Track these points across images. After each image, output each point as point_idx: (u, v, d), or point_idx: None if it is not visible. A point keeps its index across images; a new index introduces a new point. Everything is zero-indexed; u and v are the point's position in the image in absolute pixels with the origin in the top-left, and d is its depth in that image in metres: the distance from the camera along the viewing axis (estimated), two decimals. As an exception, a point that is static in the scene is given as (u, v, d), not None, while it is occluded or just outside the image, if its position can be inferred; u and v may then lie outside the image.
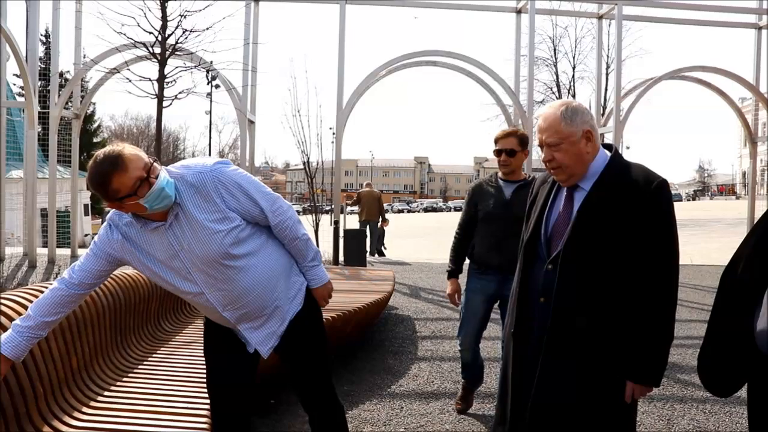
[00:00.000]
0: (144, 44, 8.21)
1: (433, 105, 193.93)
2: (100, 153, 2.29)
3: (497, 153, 4.12)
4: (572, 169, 2.41)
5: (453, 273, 4.31)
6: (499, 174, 4.22)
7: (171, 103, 8.28)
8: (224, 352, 2.72)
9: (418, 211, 70.17)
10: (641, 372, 2.36)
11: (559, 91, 33.29)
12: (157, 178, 2.31)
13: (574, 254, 2.37)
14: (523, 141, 4.12)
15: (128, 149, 2.31)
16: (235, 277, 2.51)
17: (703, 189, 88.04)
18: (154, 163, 2.34)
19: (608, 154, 2.50)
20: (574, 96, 33.44)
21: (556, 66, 33.91)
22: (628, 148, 54.59)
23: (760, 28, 14.46)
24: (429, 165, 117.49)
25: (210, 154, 31.87)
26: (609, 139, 13.70)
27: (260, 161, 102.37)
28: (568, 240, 2.38)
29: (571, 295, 2.36)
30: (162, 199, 2.33)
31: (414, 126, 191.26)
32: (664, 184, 2.37)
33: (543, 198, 2.59)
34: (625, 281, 2.34)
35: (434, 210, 69.48)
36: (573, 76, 33.96)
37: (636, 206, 2.34)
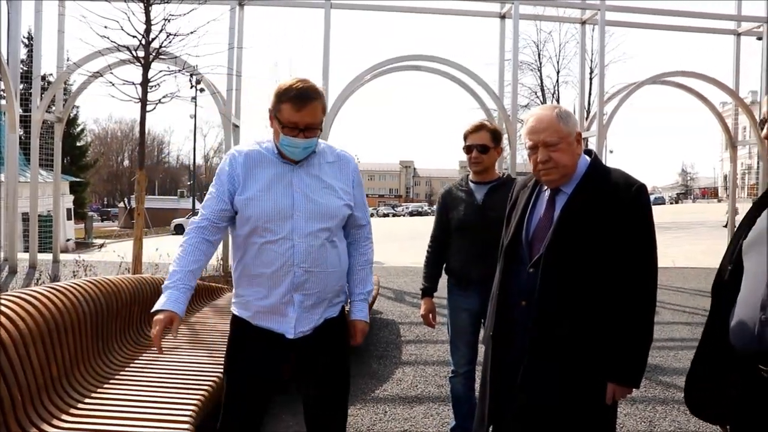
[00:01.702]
0: (127, 48, 8.16)
1: (419, 109, 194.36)
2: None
3: (467, 149, 3.71)
4: (567, 169, 2.46)
5: (428, 291, 3.87)
6: (470, 176, 3.81)
7: (155, 107, 8.22)
8: (261, 347, 2.67)
9: (404, 215, 70.18)
10: (622, 373, 2.38)
11: (543, 95, 33.46)
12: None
13: (556, 257, 2.39)
14: (496, 136, 3.72)
15: None
16: (327, 244, 2.63)
17: (686, 192, 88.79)
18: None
19: (588, 158, 2.55)
20: (558, 100, 33.66)
21: (540, 70, 34.10)
22: (611, 152, 54.94)
23: (739, 35, 14.64)
24: (414, 169, 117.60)
25: (195, 159, 31.68)
26: (593, 142, 13.79)
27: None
28: (550, 243, 2.40)
29: (552, 298, 2.38)
30: (308, 151, 2.63)
31: (399, 130, 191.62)
32: (643, 188, 2.43)
33: (524, 202, 2.61)
34: (606, 284, 2.37)
35: (420, 214, 69.46)
36: (557, 81, 34.18)
37: (617, 210, 2.38)
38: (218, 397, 3.61)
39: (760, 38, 14.44)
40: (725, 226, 26.83)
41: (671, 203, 73.30)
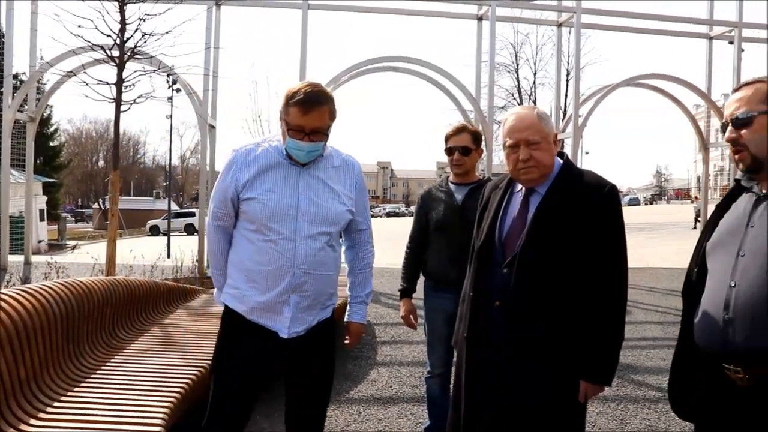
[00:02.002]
0: (102, 47, 8.06)
1: (396, 110, 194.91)
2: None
3: (449, 152, 3.73)
4: (546, 169, 2.49)
5: (406, 292, 3.86)
6: (450, 177, 3.84)
7: (129, 108, 8.12)
8: (255, 343, 2.69)
9: (381, 216, 70.17)
10: (594, 371, 2.42)
11: (520, 96, 33.69)
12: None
13: (530, 257, 2.41)
14: (477, 138, 3.75)
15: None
16: (327, 248, 2.68)
17: (660, 193, 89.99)
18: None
19: (560, 160, 2.58)
20: (534, 102, 33.90)
21: (517, 72, 34.32)
22: (587, 153, 55.53)
23: (711, 38, 14.86)
24: (392, 170, 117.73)
25: (170, 159, 31.43)
26: (568, 144, 13.91)
27: (222, 166, 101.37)
28: (525, 243, 2.42)
29: (527, 298, 2.40)
30: (313, 154, 2.65)
31: (377, 131, 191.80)
32: (614, 189, 2.49)
33: (496, 203, 2.63)
34: (579, 283, 2.40)
35: (396, 215, 69.45)
36: (534, 82, 34.42)
37: (590, 210, 2.42)
38: (191, 399, 3.61)
39: (731, 42, 14.66)
40: (694, 228, 27.23)
41: (646, 204, 74.26)
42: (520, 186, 2.59)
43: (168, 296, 5.84)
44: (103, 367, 3.82)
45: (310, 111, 2.55)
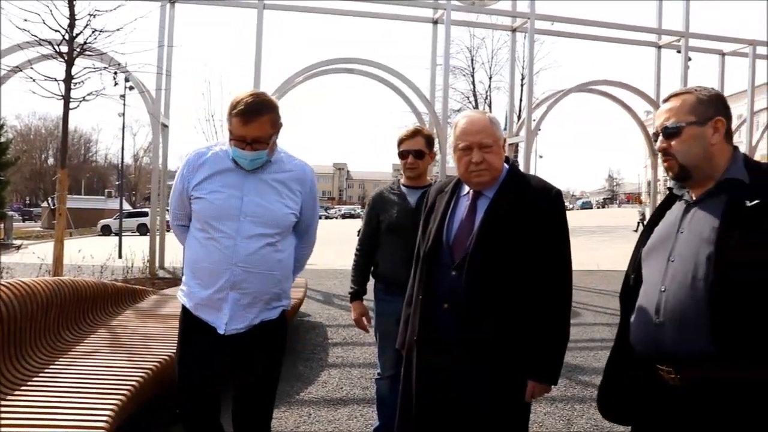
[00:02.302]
0: (50, 42, 7.86)
1: (353, 111, 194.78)
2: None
3: (403, 155, 3.72)
4: (497, 172, 2.54)
5: (357, 294, 3.88)
6: (402, 180, 3.83)
7: (78, 105, 7.95)
8: (201, 339, 2.79)
9: (336, 218, 69.99)
10: (541, 371, 2.47)
11: (475, 100, 34.04)
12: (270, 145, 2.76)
13: (480, 259, 2.44)
14: (430, 142, 3.77)
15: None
16: (268, 248, 2.76)
17: (612, 197, 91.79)
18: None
19: (506, 165, 2.63)
20: (490, 106, 34.29)
21: (473, 76, 34.69)
22: (541, 157, 56.29)
23: (659, 47, 15.28)
24: (348, 171, 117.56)
25: (123, 158, 30.84)
26: (522, 148, 14.12)
27: (177, 165, 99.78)
28: (474, 246, 2.45)
29: (477, 300, 2.42)
30: (256, 162, 2.75)
31: (333, 132, 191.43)
32: (560, 194, 2.56)
33: (443, 206, 2.65)
34: (526, 285, 2.44)
35: (352, 216, 69.27)
36: (489, 86, 34.83)
37: (536, 214, 2.47)
38: (139, 400, 3.57)
39: (679, 51, 15.09)
40: (636, 231, 27.89)
41: (598, 207, 75.70)
42: (467, 189, 2.62)
43: (116, 297, 5.75)
44: (46, 370, 3.73)
45: (250, 122, 2.64)
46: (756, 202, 1.84)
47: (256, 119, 2.65)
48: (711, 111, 1.99)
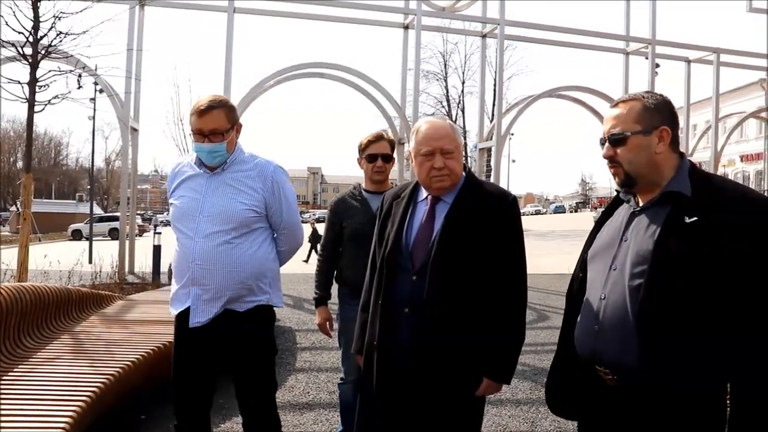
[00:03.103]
0: (13, 44, 7.74)
1: (327, 115, 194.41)
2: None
3: (371, 158, 3.67)
4: (458, 177, 2.57)
5: (322, 300, 3.88)
6: (364, 185, 3.81)
7: (43, 108, 7.84)
8: (180, 331, 3.03)
9: (310, 222, 69.78)
10: (495, 370, 2.51)
11: (449, 104, 34.23)
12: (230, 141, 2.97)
13: (441, 264, 2.46)
14: (393, 146, 3.78)
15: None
16: (226, 245, 2.92)
17: (584, 201, 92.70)
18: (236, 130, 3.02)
19: (463, 172, 2.66)
20: (463, 110, 34.49)
21: (446, 80, 34.85)
22: (513, 161, 56.78)
23: (627, 54, 15.52)
24: (322, 175, 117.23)
25: (93, 162, 30.45)
26: (492, 152, 14.23)
27: (149, 169, 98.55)
28: (436, 251, 2.48)
29: (437, 305, 2.45)
30: (216, 155, 2.96)
31: (307, 136, 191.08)
32: (516, 200, 2.61)
33: (401, 211, 2.66)
34: (484, 288, 2.48)
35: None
36: (462, 91, 35.00)
37: (493, 219, 2.51)
38: (101, 406, 3.55)
39: (647, 58, 15.34)
40: None
41: (571, 212, 76.44)
42: (424, 195, 2.65)
43: (81, 303, 5.69)
44: (3, 378, 3.69)
45: (204, 114, 2.90)
46: (694, 219, 1.85)
47: (210, 112, 2.90)
48: (657, 120, 2.00)
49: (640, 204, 2.07)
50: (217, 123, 2.91)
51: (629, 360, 1.91)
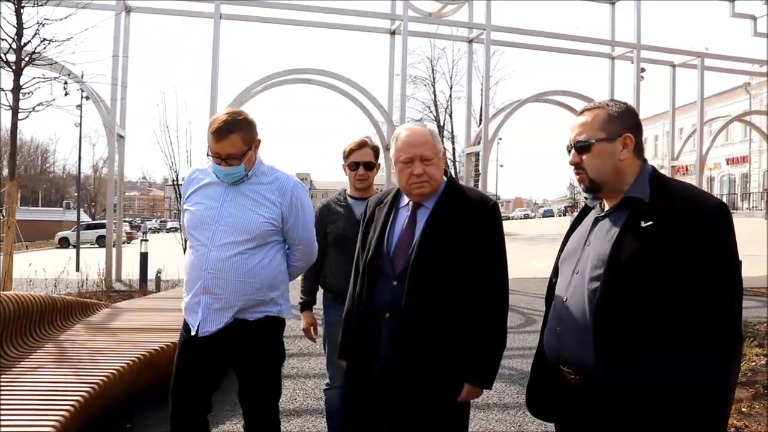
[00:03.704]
0: (-5, 51, 7.68)
1: (315, 121, 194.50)
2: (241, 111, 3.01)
3: (353, 166, 3.71)
4: (437, 184, 2.58)
5: (307, 305, 3.90)
6: (349, 191, 3.85)
7: (28, 116, 7.78)
8: (188, 338, 2.99)
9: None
10: (477, 375, 2.51)
11: (436, 109, 34.30)
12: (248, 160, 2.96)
13: (421, 270, 2.47)
14: (377, 153, 3.79)
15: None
16: (240, 256, 2.90)
17: (573, 205, 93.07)
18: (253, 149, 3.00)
19: (444, 177, 2.67)
20: (451, 115, 34.58)
21: (434, 85, 34.93)
22: (501, 166, 56.96)
23: (613, 58, 15.63)
24: (311, 181, 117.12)
25: (80, 169, 30.31)
26: (480, 157, 14.27)
27: (137, 176, 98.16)
28: (416, 256, 2.49)
29: (417, 310, 2.45)
30: (233, 176, 2.96)
31: (296, 142, 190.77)
32: (497, 205, 2.62)
33: (383, 217, 2.68)
34: (464, 293, 2.48)
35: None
36: (450, 96, 35.09)
37: (474, 224, 2.52)
38: (85, 415, 3.52)
39: (632, 62, 15.46)
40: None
41: (560, 215, 76.73)
42: (406, 201, 2.66)
43: (66, 311, 5.65)
44: (-14, 387, 3.66)
45: (221, 139, 2.86)
46: (649, 223, 1.90)
47: (227, 137, 2.85)
48: (621, 127, 2.05)
49: (605, 209, 2.11)
50: (233, 149, 2.88)
51: (588, 361, 1.96)
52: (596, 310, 1.93)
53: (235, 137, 2.86)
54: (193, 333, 2.93)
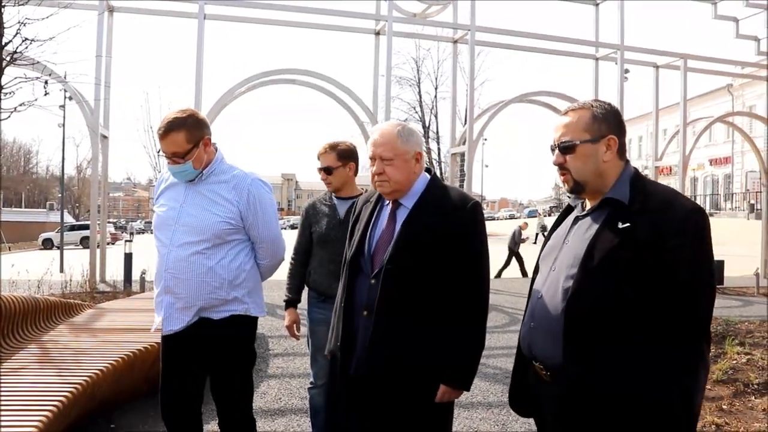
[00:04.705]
0: (-24, 51, 7.60)
1: (300, 121, 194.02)
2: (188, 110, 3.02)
3: (319, 171, 3.84)
4: (399, 185, 2.58)
5: (291, 302, 3.94)
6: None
7: (9, 116, 7.71)
8: (182, 370, 3.04)
9: (285, 228, 69.51)
10: (454, 377, 2.51)
11: (422, 110, 34.39)
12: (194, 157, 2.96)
13: (396, 269, 2.49)
14: (344, 155, 3.79)
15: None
16: (198, 256, 2.94)
17: (558, 205, 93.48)
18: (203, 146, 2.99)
19: (428, 176, 2.69)
20: (436, 116, 34.65)
21: (419, 86, 34.99)
22: (487, 166, 57.12)
23: (597, 59, 15.72)
24: (296, 182, 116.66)
25: (63, 170, 30.05)
26: (465, 158, 14.31)
27: (122, 177, 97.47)
28: (391, 255, 2.50)
29: (392, 308, 2.47)
30: (183, 175, 3.00)
31: (281, 142, 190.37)
32: (477, 205, 2.61)
33: (367, 216, 2.71)
34: (442, 293, 2.49)
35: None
36: (436, 96, 35.16)
37: (454, 224, 2.52)
38: (68, 416, 3.52)
39: (616, 63, 15.55)
40: (534, 243, 28.54)
41: (545, 216, 77.11)
42: (389, 200, 2.68)
43: (49, 312, 5.63)
44: (-32, 388, 3.64)
45: (163, 138, 2.95)
46: (627, 225, 1.93)
47: (167, 136, 2.93)
48: (604, 129, 2.07)
49: (586, 209, 2.14)
50: (175, 146, 2.94)
51: (557, 358, 1.99)
52: (567, 308, 1.97)
53: (176, 135, 2.92)
54: (155, 329, 3.07)
